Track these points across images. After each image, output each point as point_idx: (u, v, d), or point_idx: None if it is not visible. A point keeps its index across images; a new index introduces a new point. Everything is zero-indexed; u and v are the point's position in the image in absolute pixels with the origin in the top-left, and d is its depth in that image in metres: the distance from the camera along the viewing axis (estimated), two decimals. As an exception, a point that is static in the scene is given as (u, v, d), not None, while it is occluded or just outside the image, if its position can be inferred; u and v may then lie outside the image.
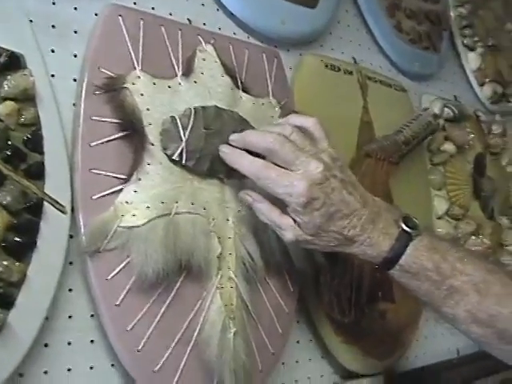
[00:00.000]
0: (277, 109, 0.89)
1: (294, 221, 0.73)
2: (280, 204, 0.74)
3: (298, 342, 0.94)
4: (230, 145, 0.75)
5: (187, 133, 0.73)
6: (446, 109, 1.28)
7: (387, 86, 1.16)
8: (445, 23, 1.36)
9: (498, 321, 0.77)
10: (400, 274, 0.77)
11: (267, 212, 0.75)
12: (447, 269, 0.76)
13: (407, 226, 0.76)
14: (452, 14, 1.42)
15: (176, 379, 0.71)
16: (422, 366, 1.14)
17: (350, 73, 1.07)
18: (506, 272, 0.81)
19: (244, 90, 0.84)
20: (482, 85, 1.48)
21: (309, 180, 0.71)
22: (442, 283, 0.76)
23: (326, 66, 1.02)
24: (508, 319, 0.77)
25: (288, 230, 0.74)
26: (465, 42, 1.44)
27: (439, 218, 1.26)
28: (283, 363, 0.90)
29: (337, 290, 0.96)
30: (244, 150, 0.74)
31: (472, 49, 1.45)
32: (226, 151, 0.75)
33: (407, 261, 0.76)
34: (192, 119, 0.74)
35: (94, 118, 0.68)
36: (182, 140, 0.73)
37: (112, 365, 0.70)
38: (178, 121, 0.73)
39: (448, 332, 1.28)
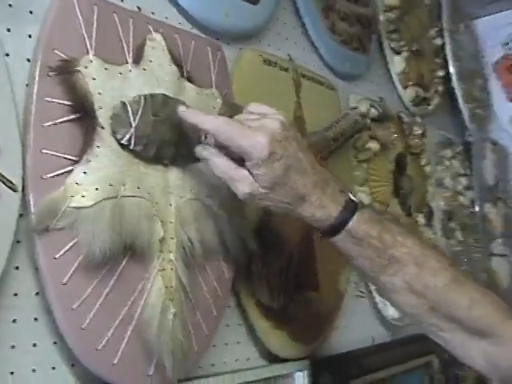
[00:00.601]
0: (218, 100, 0.93)
1: (251, 175, 0.78)
2: (236, 159, 0.79)
3: (227, 325, 0.99)
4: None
5: (137, 118, 0.77)
6: (371, 109, 1.37)
7: (319, 84, 1.24)
8: (374, 27, 1.45)
9: (432, 293, 0.85)
10: (345, 239, 0.84)
11: (223, 165, 0.79)
12: (389, 239, 0.84)
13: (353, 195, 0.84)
14: (381, 18, 1.52)
15: (118, 358, 0.75)
16: (342, 352, 1.22)
17: (286, 69, 1.14)
18: (438, 249, 0.90)
19: (189, 80, 0.88)
20: (405, 87, 1.59)
21: (270, 135, 0.76)
22: (384, 252, 0.84)
23: (264, 62, 1.08)
24: (441, 291, 0.85)
25: (244, 183, 0.79)
26: (391, 45, 1.54)
27: (361, 212, 1.35)
28: (214, 345, 0.95)
29: (267, 277, 1.02)
30: None
31: (398, 52, 1.56)
32: (186, 110, 0.81)
33: (354, 226, 0.83)
34: (142, 105, 0.78)
35: (46, 99, 0.71)
36: (131, 125, 0.77)
37: (54, 342, 0.73)
38: (129, 106, 0.77)
39: (364, 322, 1.38)
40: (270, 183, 0.79)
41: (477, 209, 1.90)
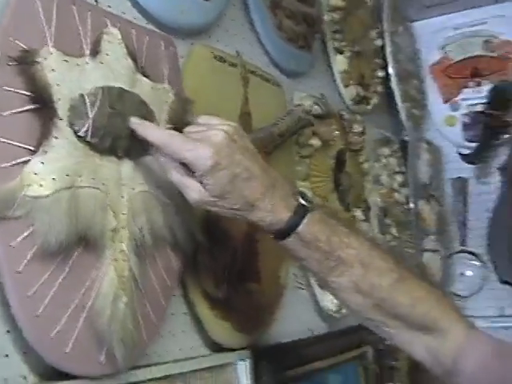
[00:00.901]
0: (171, 94, 0.97)
1: (201, 183, 0.83)
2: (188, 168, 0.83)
3: (172, 314, 1.02)
4: None
5: (94, 110, 0.80)
6: (315, 106, 1.43)
7: (266, 81, 1.28)
8: (318, 26, 1.51)
9: (377, 292, 0.92)
10: (294, 243, 0.89)
11: (175, 172, 0.84)
12: (337, 241, 0.90)
13: (303, 199, 0.89)
14: (325, 18, 1.58)
15: (70, 345, 0.77)
16: (282, 342, 1.28)
17: (235, 65, 1.18)
18: (384, 249, 0.97)
19: (143, 74, 0.91)
20: (346, 86, 1.66)
21: (213, 146, 0.81)
22: (331, 254, 0.90)
23: (215, 58, 1.12)
24: (386, 290, 0.92)
25: (194, 190, 0.84)
26: (334, 45, 1.61)
27: (303, 207, 1.41)
28: (159, 334, 0.99)
29: (213, 269, 1.07)
30: None
31: (340, 52, 1.62)
32: (137, 122, 0.84)
33: (303, 231, 0.88)
34: (99, 98, 0.81)
35: (5, 88, 0.72)
36: (88, 117, 0.79)
37: (8, 331, 0.75)
38: (86, 98, 0.79)
39: (303, 313, 1.44)
40: (217, 192, 0.84)
41: (411, 206, 2.00)
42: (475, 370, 0.91)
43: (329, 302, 1.46)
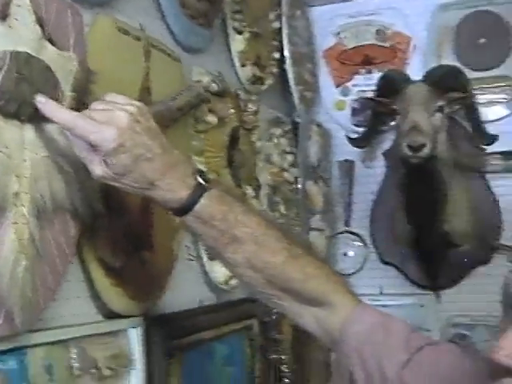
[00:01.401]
0: (75, 63, 1.01)
1: (104, 161, 0.89)
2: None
3: (69, 280, 1.07)
4: None
5: (1, 75, 0.84)
6: (212, 83, 1.50)
7: (166, 56, 1.34)
8: (219, 5, 1.58)
9: (270, 268, 1.03)
10: (192, 220, 0.98)
11: (81, 148, 0.90)
12: (232, 220, 0.99)
13: (202, 178, 0.96)
14: (227, -2, 1.65)
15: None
16: (173, 312, 1.36)
17: (138, 39, 1.23)
18: (279, 228, 1.07)
19: (50, 41, 0.95)
20: (243, 66, 1.74)
21: (117, 128, 0.88)
22: (226, 232, 0.99)
23: (118, 29, 1.17)
24: (278, 267, 1.03)
25: (97, 166, 0.90)
26: (234, 25, 1.68)
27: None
28: (55, 299, 1.03)
29: (110, 237, 1.13)
30: None
31: (239, 32, 1.70)
32: (42, 101, 0.88)
33: (200, 209, 0.97)
34: (6, 62, 0.85)
35: None
36: (-5, 81, 0.83)
37: None
38: (-6, 62, 0.83)
39: (193, 284, 1.52)
40: (120, 171, 0.91)
41: (299, 185, 2.12)
42: (361, 339, 1.03)
43: (218, 273, 1.55)
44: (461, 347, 1.13)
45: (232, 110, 1.61)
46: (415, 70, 2.30)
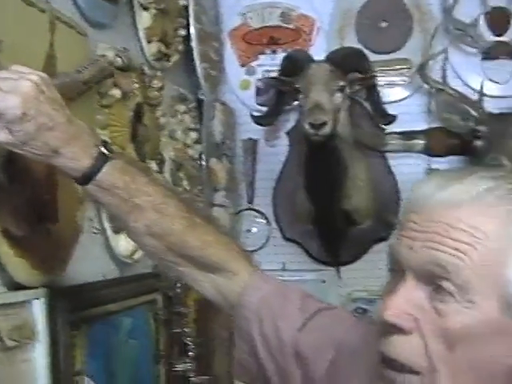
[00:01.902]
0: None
1: (8, 128, 0.95)
2: None
3: (-29, 250, 1.11)
4: None
5: None
6: (117, 58, 1.56)
7: (72, 29, 1.40)
8: (125, -21, 1.64)
9: (170, 235, 1.12)
10: (95, 189, 1.05)
11: None
12: (134, 189, 1.07)
13: (105, 149, 1.04)
14: (133, -28, 1.71)
15: None
16: (77, 284, 1.42)
17: (43, 11, 1.28)
18: (180, 198, 1.16)
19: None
20: (149, 42, 1.81)
21: (22, 97, 0.93)
22: (128, 201, 1.07)
23: (24, 1, 1.22)
24: (178, 234, 1.12)
25: (1, 133, 0.95)
26: (141, 1, 1.75)
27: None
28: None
29: (14, 207, 1.17)
30: None
31: (145, 8, 1.77)
32: None
33: (102, 178, 1.04)
34: None
35: None
36: None
37: None
38: None
39: (97, 257, 1.58)
40: (23, 139, 0.96)
41: (203, 162, 2.22)
42: (259, 304, 1.13)
43: (122, 247, 1.62)
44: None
45: (136, 85, 1.68)
46: (318, 51, 2.42)
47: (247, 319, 1.13)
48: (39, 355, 1.25)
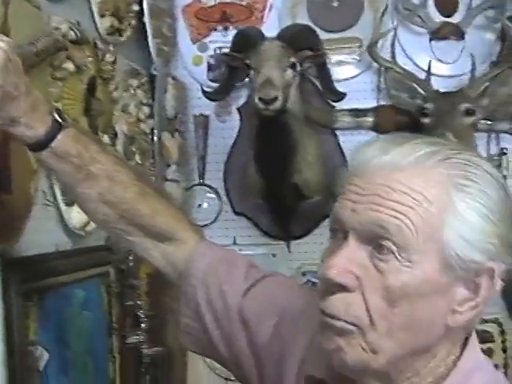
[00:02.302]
0: None
1: None
2: None
3: None
4: None
5: None
6: (70, 31, 1.59)
7: (26, 1, 1.43)
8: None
9: (121, 203, 1.16)
10: (49, 156, 1.09)
11: None
12: (87, 157, 1.12)
13: (60, 118, 1.08)
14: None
15: None
16: (30, 255, 1.45)
17: (-4, -18, 1.31)
18: (131, 167, 1.21)
19: None
20: (102, 16, 1.84)
21: None
22: (82, 168, 1.12)
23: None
24: (129, 202, 1.16)
25: None
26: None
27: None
28: None
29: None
30: None
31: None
32: None
33: (56, 146, 1.08)
34: None
35: None
36: None
37: None
38: None
39: (50, 229, 1.62)
40: None
41: (155, 137, 2.25)
42: (206, 271, 1.18)
43: (74, 220, 1.66)
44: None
45: (90, 59, 1.71)
46: (270, 28, 2.45)
47: (193, 286, 1.18)
48: (-8, 325, 1.27)
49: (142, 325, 1.98)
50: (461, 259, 0.83)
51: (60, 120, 1.09)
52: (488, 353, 2.38)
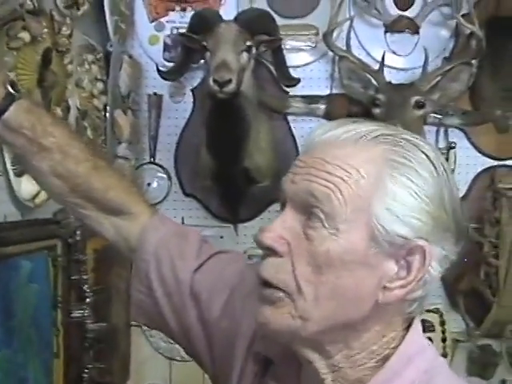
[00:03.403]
0: None
1: None
2: None
3: None
4: None
5: None
6: (28, 1, 1.61)
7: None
8: None
9: (74, 177, 1.19)
10: (1, 128, 1.12)
11: None
12: (40, 130, 1.14)
13: (13, 89, 1.11)
14: None
15: None
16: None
17: None
18: (83, 141, 1.24)
19: None
20: (59, -12, 1.86)
21: None
22: (34, 141, 1.14)
23: None
24: (82, 176, 1.19)
25: None
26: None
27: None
28: None
29: None
30: None
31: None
32: None
33: (9, 117, 1.11)
34: None
35: None
36: None
37: None
38: None
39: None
40: None
41: (108, 113, 2.28)
42: (157, 245, 1.20)
43: (23, 191, 1.68)
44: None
45: (46, 30, 1.73)
46: (228, 11, 2.50)
47: (145, 261, 1.20)
48: None
49: (87, 300, 2.00)
50: (386, 232, 0.87)
51: (13, 92, 1.11)
52: (427, 342, 2.48)
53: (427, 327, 2.56)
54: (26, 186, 1.66)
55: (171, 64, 2.54)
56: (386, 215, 0.87)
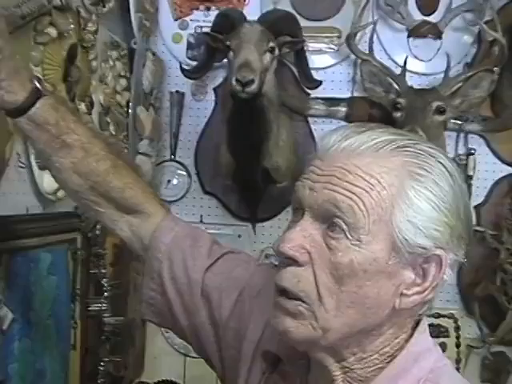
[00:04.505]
0: None
1: None
2: None
3: None
4: None
5: None
6: (56, -2, 1.63)
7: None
8: None
9: (93, 175, 1.20)
10: (26, 123, 1.13)
11: None
12: (64, 126, 1.15)
13: (40, 86, 1.12)
14: None
15: None
16: (1, 215, 1.49)
17: None
18: (104, 139, 1.25)
19: None
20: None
21: None
22: (57, 137, 1.15)
23: None
24: (101, 174, 1.20)
25: None
26: None
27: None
28: None
29: None
30: None
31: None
32: None
33: (35, 113, 1.12)
34: None
35: None
36: None
37: None
38: None
39: (22, 191, 1.66)
40: None
41: (130, 110, 2.29)
42: (170, 245, 1.22)
43: (46, 184, 1.70)
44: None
45: (72, 26, 1.74)
46: (252, 11, 2.50)
47: (158, 260, 1.22)
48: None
49: (105, 293, 2.02)
50: (408, 243, 0.88)
51: (40, 87, 1.12)
52: (442, 347, 2.45)
53: (442, 332, 2.55)
54: (49, 180, 1.67)
55: (194, 62, 2.55)
56: (409, 227, 0.88)
